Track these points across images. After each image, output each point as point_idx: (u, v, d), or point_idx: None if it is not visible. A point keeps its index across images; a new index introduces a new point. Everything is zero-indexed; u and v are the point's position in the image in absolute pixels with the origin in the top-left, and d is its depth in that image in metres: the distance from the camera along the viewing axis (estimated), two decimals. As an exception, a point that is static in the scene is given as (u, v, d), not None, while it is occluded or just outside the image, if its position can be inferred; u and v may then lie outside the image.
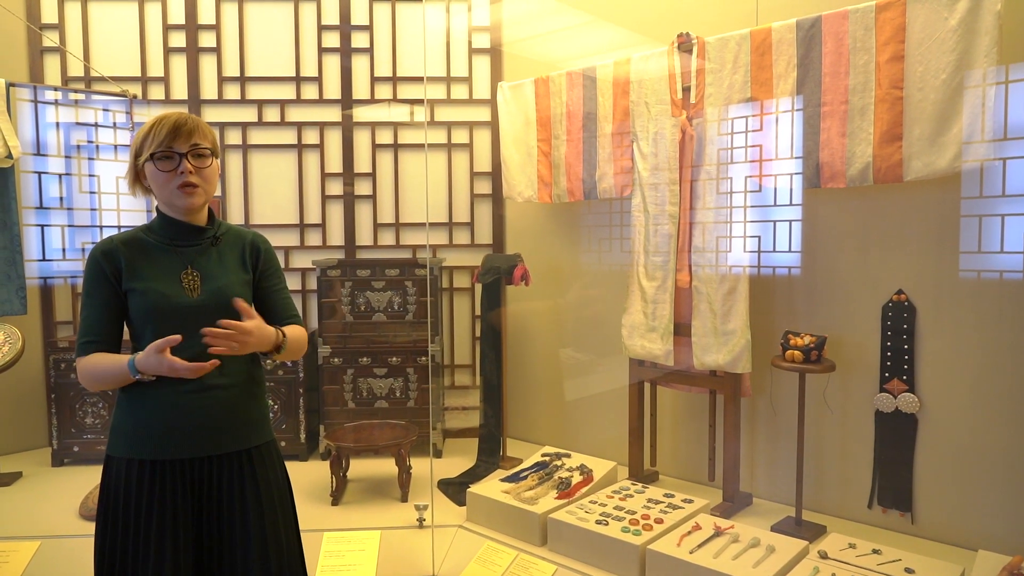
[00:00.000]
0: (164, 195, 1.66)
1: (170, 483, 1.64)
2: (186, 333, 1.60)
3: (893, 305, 2.66)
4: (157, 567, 1.61)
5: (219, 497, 1.69)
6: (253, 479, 1.72)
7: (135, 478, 1.63)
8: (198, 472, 1.67)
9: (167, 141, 1.62)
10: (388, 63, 4.02)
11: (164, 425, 1.64)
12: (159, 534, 1.62)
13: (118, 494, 1.64)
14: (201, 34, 3.94)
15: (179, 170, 1.63)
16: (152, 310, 1.64)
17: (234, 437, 1.71)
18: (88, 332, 1.65)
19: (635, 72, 3.05)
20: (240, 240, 1.80)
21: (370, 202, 4.06)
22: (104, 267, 1.65)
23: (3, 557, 2.60)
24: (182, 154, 1.64)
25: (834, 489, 2.85)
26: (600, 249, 3.55)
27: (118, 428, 1.68)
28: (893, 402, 2.65)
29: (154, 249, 1.69)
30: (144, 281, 1.65)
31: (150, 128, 1.64)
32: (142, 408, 1.65)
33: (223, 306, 1.67)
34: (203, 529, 1.68)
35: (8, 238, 3.48)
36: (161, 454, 1.64)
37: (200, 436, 1.66)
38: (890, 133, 2.40)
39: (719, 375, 2.90)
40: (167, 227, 1.71)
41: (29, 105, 3.71)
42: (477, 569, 2.56)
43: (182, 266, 1.69)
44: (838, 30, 2.49)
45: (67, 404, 3.54)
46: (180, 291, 1.66)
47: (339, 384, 3.65)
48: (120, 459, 1.65)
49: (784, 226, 2.86)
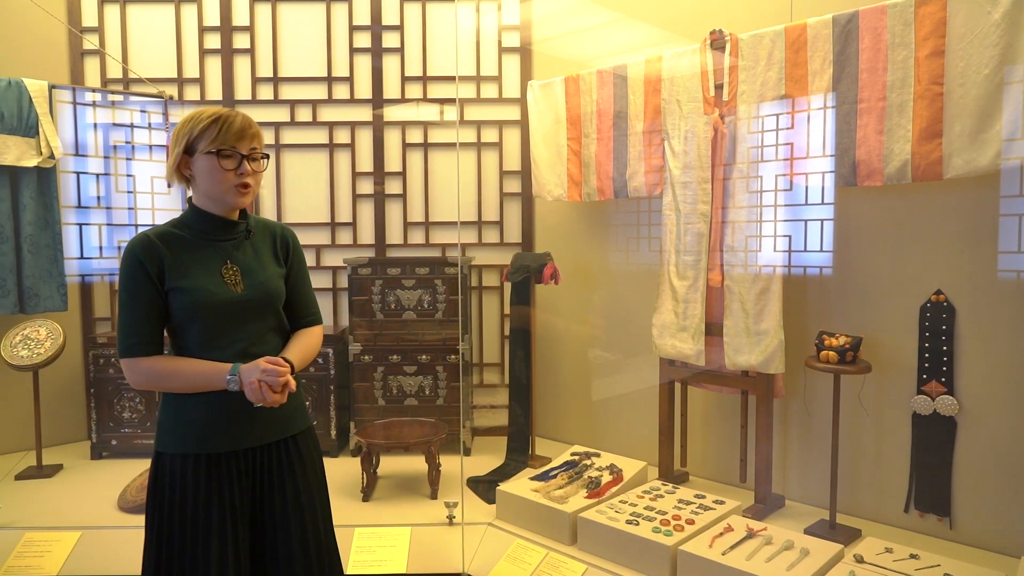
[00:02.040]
0: (217, 191, 1.66)
1: (226, 475, 1.66)
2: (231, 328, 1.63)
3: (932, 306, 2.61)
4: (220, 561, 1.63)
5: (269, 484, 1.72)
6: (300, 463, 1.76)
7: (190, 473, 1.64)
8: (251, 462, 1.70)
9: (232, 140, 1.64)
10: (418, 63, 4.04)
11: (217, 419, 1.66)
12: (220, 528, 1.64)
13: (173, 490, 1.65)
14: (235, 36, 4.00)
15: (239, 171, 1.66)
16: (199, 307, 1.63)
17: (281, 425, 1.74)
18: (135, 333, 1.63)
19: (667, 70, 3.03)
20: (270, 232, 1.81)
21: (400, 201, 4.09)
22: (147, 266, 1.62)
23: (46, 547, 2.67)
24: (243, 155, 1.66)
25: (869, 492, 2.80)
26: (630, 248, 3.53)
27: (167, 424, 1.68)
28: (931, 404, 2.60)
29: (192, 245, 1.68)
30: (189, 279, 1.64)
31: (212, 122, 1.63)
32: (193, 404, 1.66)
33: (267, 300, 1.71)
34: (257, 518, 1.72)
35: (50, 236, 3.58)
36: (215, 447, 1.65)
37: (252, 426, 1.69)
38: (930, 130, 2.35)
39: (751, 375, 2.87)
40: (201, 221, 1.70)
41: (69, 107, 3.79)
42: (507, 567, 2.56)
43: (221, 261, 1.69)
44: (876, 25, 2.45)
45: (105, 399, 3.62)
46: (224, 287, 1.67)
47: (369, 381, 3.68)
48: (172, 455, 1.66)
49: (819, 225, 2.82)
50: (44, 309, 3.55)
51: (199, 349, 1.66)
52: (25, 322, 3.44)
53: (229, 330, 1.65)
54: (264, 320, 1.73)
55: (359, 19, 4.02)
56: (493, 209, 4.09)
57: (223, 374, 1.61)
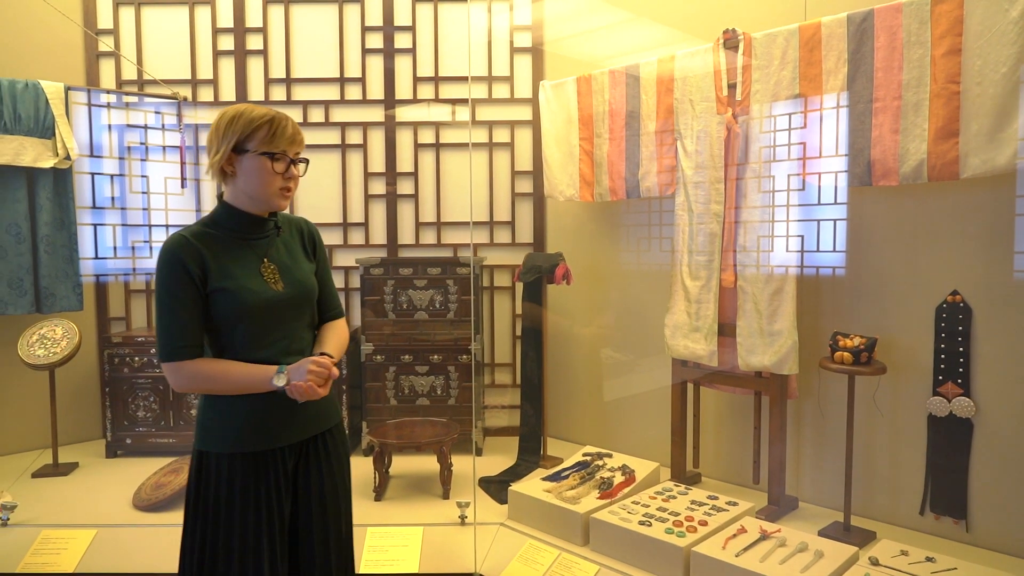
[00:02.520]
0: (263, 192, 1.66)
1: (272, 472, 1.67)
2: (273, 327, 1.65)
3: (948, 306, 2.58)
4: (271, 557, 1.65)
5: (305, 478, 1.74)
6: (334, 457, 1.79)
7: (238, 471, 1.64)
8: (292, 458, 1.72)
9: (284, 144, 1.65)
10: (430, 63, 4.05)
11: (261, 417, 1.66)
12: (268, 524, 1.65)
13: (218, 489, 1.64)
14: (249, 37, 4.03)
15: (287, 174, 1.67)
16: (246, 308, 1.62)
17: (318, 420, 1.77)
18: (179, 336, 1.59)
19: (679, 69, 3.02)
20: (297, 228, 1.83)
21: (412, 201, 4.10)
22: (189, 267, 1.59)
23: (63, 544, 2.70)
24: (292, 160, 1.68)
25: (884, 494, 2.78)
26: (642, 248, 3.53)
27: (209, 424, 1.67)
28: (947, 406, 2.58)
29: (228, 244, 1.66)
30: (233, 280, 1.63)
31: (266, 123, 1.63)
32: (236, 403, 1.65)
33: (305, 296, 1.74)
34: (300, 508, 1.74)
35: (66, 237, 3.61)
36: (259, 445, 1.66)
37: (294, 423, 1.71)
38: (946, 129, 2.33)
39: (765, 376, 2.86)
40: (234, 219, 1.69)
41: (85, 108, 3.83)
42: (519, 567, 2.56)
43: (258, 260, 1.70)
44: (891, 24, 2.43)
45: (120, 398, 3.65)
46: (265, 286, 1.67)
47: (381, 381, 3.69)
48: (218, 454, 1.65)
49: (833, 225, 2.80)
50: (60, 309, 3.59)
51: (243, 349, 1.65)
52: (42, 321, 3.47)
53: (272, 328, 1.66)
54: (301, 317, 1.75)
55: (371, 20, 4.03)
56: (505, 209, 4.09)
57: (269, 375, 1.61)
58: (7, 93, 3.37)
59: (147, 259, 4.03)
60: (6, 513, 2.80)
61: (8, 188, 3.42)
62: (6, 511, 2.81)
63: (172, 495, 2.96)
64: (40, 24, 3.78)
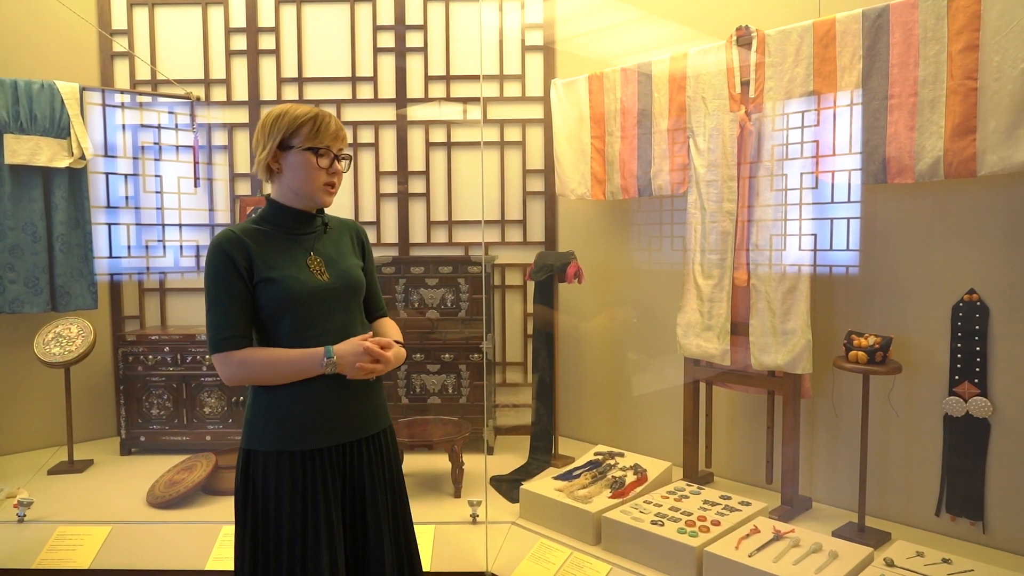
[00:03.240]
0: (308, 188, 1.69)
1: (320, 471, 1.66)
2: (321, 318, 1.67)
3: (964, 305, 2.55)
4: (331, 559, 1.64)
5: (361, 479, 1.74)
6: (388, 459, 1.81)
7: (286, 470, 1.64)
8: (344, 457, 1.72)
9: (329, 140, 1.69)
10: (441, 62, 4.05)
11: (311, 415, 1.67)
12: (326, 520, 1.65)
13: (267, 487, 1.65)
14: (261, 37, 4.04)
15: (331, 170, 1.71)
16: (290, 296, 1.64)
17: (371, 421, 1.78)
18: (228, 327, 1.62)
19: (692, 67, 3.01)
20: (346, 228, 1.87)
21: (423, 200, 4.10)
22: (236, 260, 1.62)
23: (78, 540, 2.72)
24: (336, 156, 1.71)
25: (899, 495, 2.76)
26: (654, 247, 3.51)
27: (257, 422, 1.68)
28: (964, 406, 2.55)
29: (276, 239, 1.70)
30: (278, 270, 1.66)
31: (311, 120, 1.66)
32: (285, 399, 1.66)
33: (351, 287, 1.75)
34: (353, 512, 1.74)
35: (81, 236, 3.64)
36: (309, 444, 1.66)
37: (345, 422, 1.71)
38: (963, 126, 2.30)
39: (778, 375, 2.84)
40: (282, 215, 1.73)
41: (99, 108, 3.86)
42: (531, 566, 2.56)
43: (305, 253, 1.73)
44: (907, 20, 2.40)
45: (134, 396, 3.68)
46: (311, 276, 1.70)
47: (393, 380, 3.69)
48: (265, 453, 1.66)
49: (847, 223, 2.77)
50: (75, 307, 3.62)
51: (291, 341, 1.67)
52: (57, 320, 3.50)
53: (319, 320, 1.67)
54: (349, 310, 1.76)
55: (383, 19, 4.04)
56: (516, 208, 4.09)
57: (318, 358, 1.63)
58: (23, 94, 3.40)
59: (161, 258, 4.06)
60: (23, 509, 2.83)
61: (24, 188, 3.45)
62: (23, 507, 2.84)
63: (185, 492, 2.98)
64: (55, 25, 3.81)
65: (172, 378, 3.66)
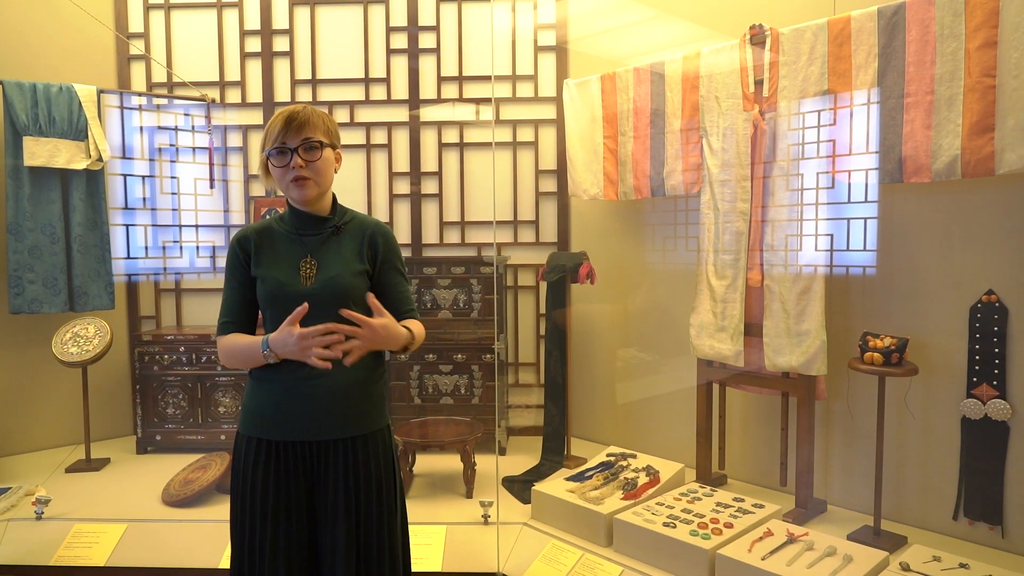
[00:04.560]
0: (282, 187, 1.77)
1: (284, 463, 1.73)
2: (301, 320, 1.67)
3: (982, 306, 2.52)
4: (273, 541, 1.70)
5: (324, 481, 1.75)
6: (361, 465, 1.75)
7: (258, 456, 1.74)
8: (309, 455, 1.74)
9: (280, 137, 1.71)
10: (454, 63, 4.06)
11: (279, 407, 1.73)
12: (275, 509, 1.71)
13: (246, 469, 1.75)
14: (275, 39, 4.07)
15: (290, 164, 1.71)
16: (269, 296, 1.75)
17: (340, 424, 1.75)
18: (226, 314, 1.79)
19: (705, 66, 2.99)
20: (362, 231, 1.83)
21: (436, 200, 4.11)
22: (239, 254, 1.78)
23: (94, 538, 2.75)
24: (293, 149, 1.71)
25: (915, 498, 2.72)
26: (667, 247, 3.49)
27: (245, 407, 1.80)
28: (982, 409, 2.51)
29: (282, 238, 1.79)
30: (266, 268, 1.76)
31: (269, 124, 1.74)
32: (263, 390, 1.75)
33: (334, 296, 1.72)
34: (316, 510, 1.76)
35: (98, 237, 3.69)
36: (276, 435, 1.73)
37: (308, 421, 1.73)
38: (981, 124, 2.27)
39: (792, 377, 2.81)
40: (293, 217, 1.80)
41: (117, 111, 3.90)
42: (542, 567, 2.55)
43: (302, 255, 1.76)
44: (924, 17, 2.37)
45: (150, 395, 3.72)
46: (296, 279, 1.74)
47: (405, 380, 3.70)
48: (245, 436, 1.77)
49: (863, 223, 2.74)
50: (93, 307, 3.66)
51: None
52: (75, 320, 3.55)
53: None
54: (333, 316, 1.68)
55: (396, 20, 4.05)
56: (529, 208, 4.08)
57: (259, 347, 1.69)
58: (42, 97, 3.45)
59: (177, 259, 4.09)
60: (40, 507, 2.87)
61: (43, 189, 3.50)
62: (40, 505, 2.87)
63: (200, 491, 3.00)
64: (73, 29, 3.85)
65: (187, 378, 3.70)
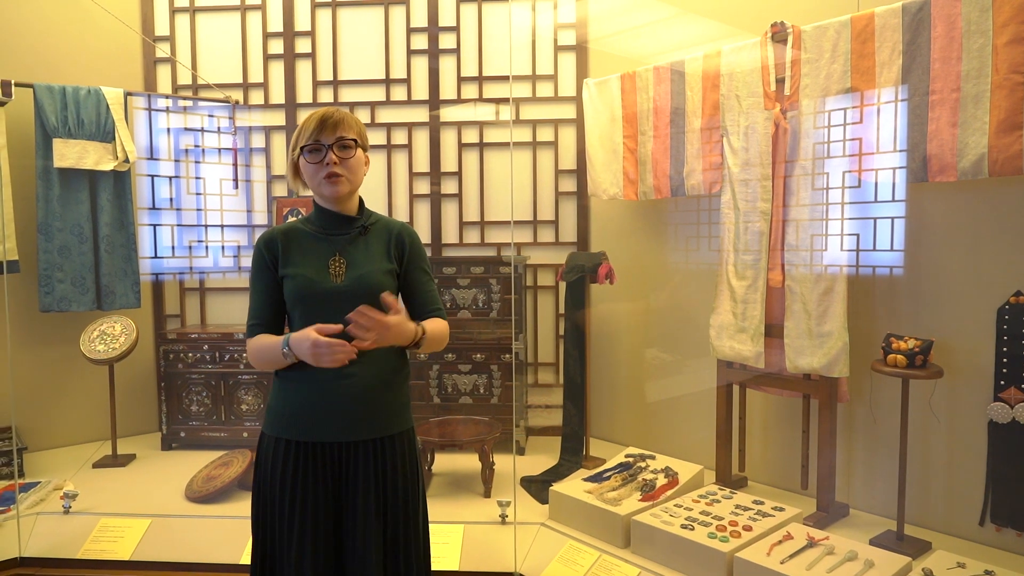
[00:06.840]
0: (314, 185, 1.78)
1: (311, 464, 1.73)
2: (328, 317, 1.69)
3: (1011, 308, 2.46)
4: (300, 542, 1.71)
5: (353, 482, 1.75)
6: (388, 466, 1.78)
7: (281, 456, 1.75)
8: (335, 456, 1.75)
9: (315, 134, 1.74)
10: (474, 63, 4.07)
11: (304, 408, 1.74)
12: (302, 511, 1.72)
13: (268, 469, 1.77)
14: (297, 40, 4.11)
15: (324, 161, 1.74)
16: (299, 294, 1.75)
17: (367, 425, 1.76)
18: (253, 316, 1.80)
19: (725, 65, 2.96)
20: (388, 231, 1.86)
21: (456, 200, 4.12)
22: (265, 256, 1.79)
23: (119, 532, 2.80)
24: (328, 146, 1.74)
25: (940, 503, 2.67)
26: (687, 247, 3.47)
27: (271, 407, 1.80)
28: (1010, 412, 2.45)
29: (309, 238, 1.80)
30: (295, 267, 1.76)
31: (303, 124, 1.76)
32: (289, 391, 1.76)
33: (365, 292, 1.74)
34: (342, 511, 1.77)
35: (125, 237, 3.76)
36: (302, 435, 1.74)
37: (334, 422, 1.74)
38: (1008, 121, 2.22)
39: (814, 379, 2.78)
40: (321, 217, 1.81)
41: (143, 113, 3.97)
42: (559, 568, 2.55)
43: (331, 253, 1.78)
44: (950, 13, 2.33)
45: (175, 393, 3.78)
46: (326, 277, 1.75)
47: (425, 379, 3.72)
48: (270, 437, 1.78)
49: (886, 223, 2.70)
50: (120, 306, 3.73)
51: None
52: (102, 318, 3.62)
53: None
54: None
55: (416, 21, 4.07)
56: (548, 208, 4.08)
57: (280, 346, 1.70)
58: (71, 99, 3.52)
59: (203, 258, 4.15)
60: (68, 501, 2.93)
61: (71, 190, 3.57)
62: (68, 499, 2.93)
63: (222, 487, 3.05)
64: (101, 33, 3.93)
65: (211, 375, 3.75)
